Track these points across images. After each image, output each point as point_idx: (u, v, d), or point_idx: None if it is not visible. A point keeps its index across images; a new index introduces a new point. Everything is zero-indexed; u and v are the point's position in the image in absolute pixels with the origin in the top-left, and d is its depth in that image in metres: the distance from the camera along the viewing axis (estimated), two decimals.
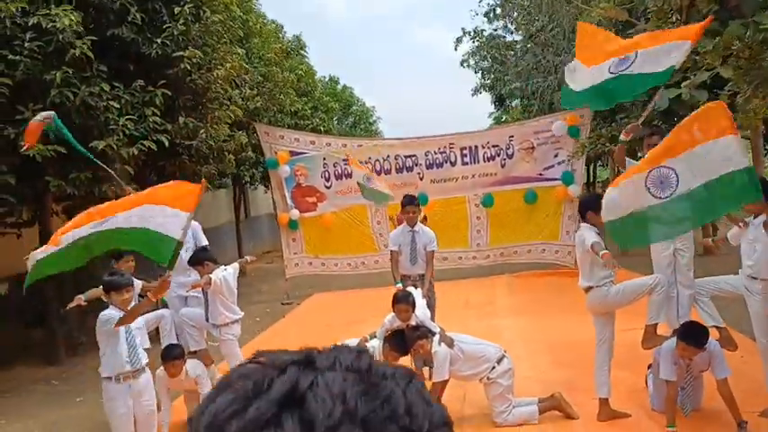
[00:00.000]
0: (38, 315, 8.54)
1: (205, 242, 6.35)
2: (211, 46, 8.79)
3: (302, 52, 18.17)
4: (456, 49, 18.01)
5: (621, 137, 5.13)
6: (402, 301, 5.37)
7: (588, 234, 4.88)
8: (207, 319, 5.72)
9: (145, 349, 5.12)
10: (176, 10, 7.98)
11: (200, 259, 5.55)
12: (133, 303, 5.22)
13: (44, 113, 5.48)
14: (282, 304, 11.49)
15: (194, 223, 6.59)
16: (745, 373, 5.34)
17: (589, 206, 5.04)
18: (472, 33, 17.79)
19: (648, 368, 5.50)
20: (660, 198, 4.05)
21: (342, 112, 27.12)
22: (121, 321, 4.48)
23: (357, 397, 0.53)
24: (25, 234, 8.40)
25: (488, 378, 5.17)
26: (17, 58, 6.44)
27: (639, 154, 8.17)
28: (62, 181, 7.07)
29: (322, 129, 17.75)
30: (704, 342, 4.59)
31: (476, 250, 11.90)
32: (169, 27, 7.85)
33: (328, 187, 11.87)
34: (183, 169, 9.32)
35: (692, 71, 5.00)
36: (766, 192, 4.91)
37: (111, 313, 4.54)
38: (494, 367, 5.15)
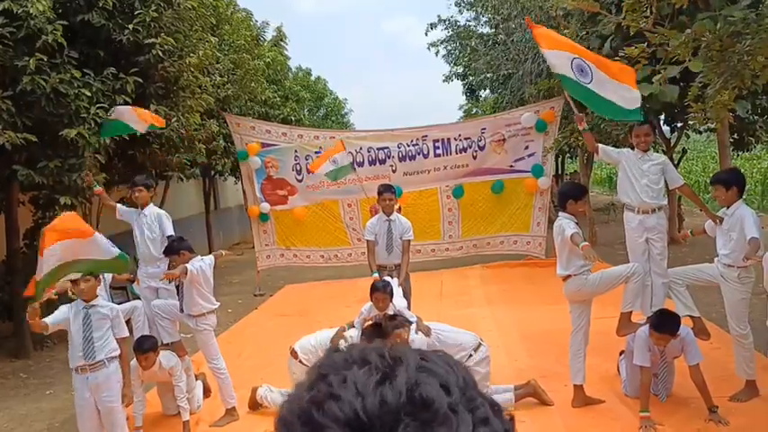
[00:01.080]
0: (5, 308, 8.34)
1: (170, 232, 6.23)
2: (183, 33, 8.61)
3: (282, 43, 17.94)
4: (426, 34, 18.08)
5: (579, 127, 5.50)
6: (380, 291, 5.37)
7: (567, 224, 4.92)
8: (182, 310, 5.64)
9: (121, 339, 5.05)
10: None
11: (177, 249, 5.47)
12: (102, 295, 5.17)
13: None
14: (255, 296, 11.41)
15: (161, 212, 6.49)
16: (716, 360, 5.47)
17: (569, 195, 5.08)
18: (447, 22, 17.83)
19: (620, 354, 5.59)
20: None
21: (314, 104, 26.89)
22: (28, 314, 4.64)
23: (464, 372, 0.65)
24: None
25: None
26: None
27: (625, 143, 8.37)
28: (30, 170, 6.88)
29: (293, 119, 17.56)
30: (677, 328, 4.68)
31: (448, 242, 11.93)
32: (141, 13, 7.66)
33: (300, 180, 11.72)
34: (152, 158, 9.16)
35: (662, 65, 5.08)
36: (738, 182, 5.05)
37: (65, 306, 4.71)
38: (470, 355, 5.19)
